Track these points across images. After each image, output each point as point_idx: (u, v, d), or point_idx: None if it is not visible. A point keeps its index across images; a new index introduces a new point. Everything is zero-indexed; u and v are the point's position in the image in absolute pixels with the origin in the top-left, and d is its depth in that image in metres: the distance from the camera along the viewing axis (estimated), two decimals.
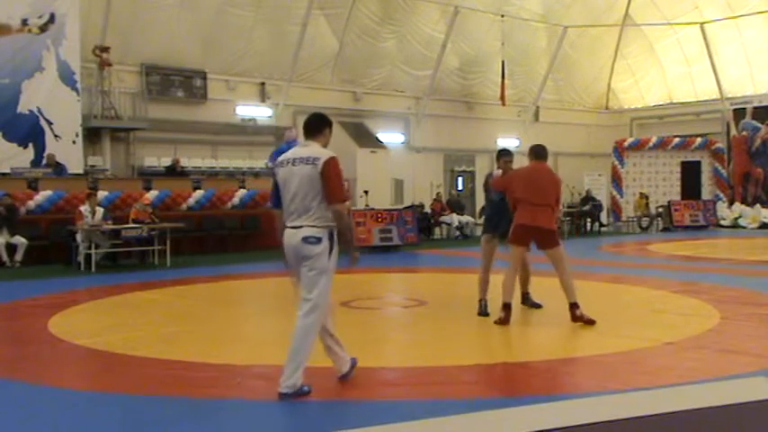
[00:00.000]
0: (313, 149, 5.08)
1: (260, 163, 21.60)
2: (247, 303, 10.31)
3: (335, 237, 5.00)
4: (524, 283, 8.65)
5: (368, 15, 24.47)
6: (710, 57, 28.19)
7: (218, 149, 22.18)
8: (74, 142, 18.47)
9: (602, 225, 23.98)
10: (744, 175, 26.70)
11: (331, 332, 5.19)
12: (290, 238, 4.98)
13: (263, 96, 23.15)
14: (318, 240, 4.90)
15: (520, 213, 7.83)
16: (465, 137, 27.65)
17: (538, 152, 8.03)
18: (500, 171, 8.48)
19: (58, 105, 18.26)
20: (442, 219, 21.28)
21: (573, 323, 7.58)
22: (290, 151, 5.26)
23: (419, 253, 16.83)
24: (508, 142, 29.35)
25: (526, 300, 8.72)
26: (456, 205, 22.28)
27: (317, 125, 5.21)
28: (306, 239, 4.89)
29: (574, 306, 7.65)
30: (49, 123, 18.15)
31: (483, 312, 8.15)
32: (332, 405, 4.91)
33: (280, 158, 5.21)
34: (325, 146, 5.16)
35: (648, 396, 1.85)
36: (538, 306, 8.61)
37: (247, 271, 13.78)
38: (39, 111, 18.03)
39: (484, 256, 8.41)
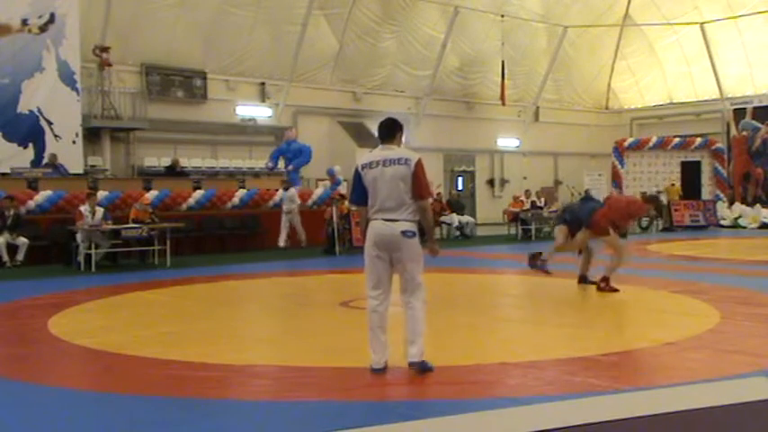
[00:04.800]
0: (400, 151, 5.68)
1: (260, 163, 21.61)
2: (247, 303, 10.30)
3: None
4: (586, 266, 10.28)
5: (368, 15, 24.48)
6: (710, 57, 28.19)
7: (218, 149, 22.19)
8: (74, 142, 18.48)
9: None
10: (744, 175, 26.70)
11: (385, 327, 5.65)
12: (387, 228, 5.52)
13: (263, 96, 23.16)
14: (414, 234, 5.56)
15: None
16: (465, 137, 27.67)
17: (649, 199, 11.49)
18: None
19: (58, 105, 18.26)
20: (443, 219, 21.26)
21: (572, 324, 7.57)
22: (373, 154, 5.73)
23: None
24: (508, 142, 29.40)
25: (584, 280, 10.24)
26: (456, 205, 22.28)
27: (391, 130, 5.77)
28: (404, 233, 5.50)
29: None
30: (49, 123, 18.15)
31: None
32: (333, 405, 4.91)
33: (365, 161, 5.69)
34: (399, 146, 5.78)
35: (648, 396, 1.85)
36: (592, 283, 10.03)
37: (247, 271, 13.78)
38: (39, 111, 18.04)
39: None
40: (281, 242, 17.37)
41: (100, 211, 14.39)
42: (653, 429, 1.71)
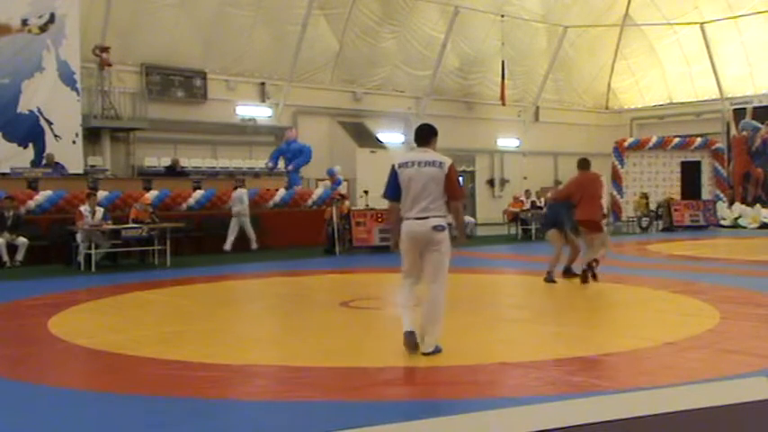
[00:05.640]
0: (435, 155, 6.11)
1: (260, 163, 21.61)
2: (247, 303, 10.31)
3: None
4: (572, 260, 10.73)
5: (368, 15, 24.47)
6: (710, 57, 28.18)
7: (218, 149, 22.19)
8: (74, 142, 18.47)
9: None
10: (744, 175, 26.69)
11: (413, 302, 6.12)
12: (420, 226, 5.97)
13: (263, 96, 23.15)
14: (444, 228, 5.99)
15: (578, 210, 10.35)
16: (465, 137, 27.63)
17: (582, 164, 10.80)
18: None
19: (58, 105, 18.25)
20: None
21: (572, 324, 7.60)
22: (410, 155, 6.19)
23: None
24: (508, 142, 29.39)
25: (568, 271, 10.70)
26: None
27: (427, 135, 6.25)
28: (435, 228, 5.94)
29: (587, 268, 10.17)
30: (49, 123, 18.14)
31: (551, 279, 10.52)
32: (332, 405, 4.91)
33: (402, 161, 6.13)
34: (434, 150, 6.22)
35: (648, 396, 1.84)
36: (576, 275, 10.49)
37: (247, 271, 13.77)
38: (39, 111, 18.03)
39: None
40: (227, 246, 17.06)
41: (100, 211, 14.40)
42: (653, 429, 1.71)
